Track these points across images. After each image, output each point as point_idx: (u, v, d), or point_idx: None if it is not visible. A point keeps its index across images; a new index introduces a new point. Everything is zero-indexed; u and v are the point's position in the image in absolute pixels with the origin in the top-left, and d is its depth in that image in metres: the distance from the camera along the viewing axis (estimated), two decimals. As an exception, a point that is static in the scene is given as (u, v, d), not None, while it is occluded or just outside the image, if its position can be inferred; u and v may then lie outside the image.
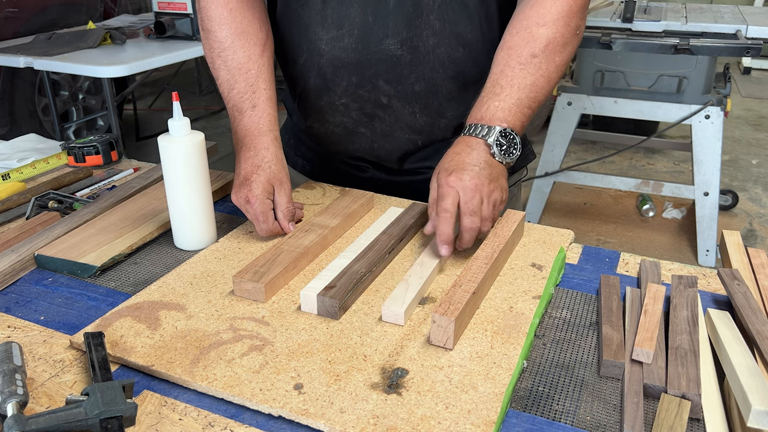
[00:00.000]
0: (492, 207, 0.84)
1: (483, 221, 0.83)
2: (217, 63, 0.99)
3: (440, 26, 0.94)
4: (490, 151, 0.85)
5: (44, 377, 0.67)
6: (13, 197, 1.06)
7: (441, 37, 0.94)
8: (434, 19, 0.93)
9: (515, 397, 0.64)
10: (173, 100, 0.86)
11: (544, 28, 0.89)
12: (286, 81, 1.11)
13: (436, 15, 0.93)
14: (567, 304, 0.80)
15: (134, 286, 0.84)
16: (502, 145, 0.86)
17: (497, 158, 0.86)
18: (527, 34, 0.89)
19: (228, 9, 0.98)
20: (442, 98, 1.00)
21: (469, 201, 0.82)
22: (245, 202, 0.91)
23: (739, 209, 3.30)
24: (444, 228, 0.82)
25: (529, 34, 0.89)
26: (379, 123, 1.02)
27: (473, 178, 0.82)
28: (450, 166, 0.84)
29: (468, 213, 0.82)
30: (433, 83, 0.98)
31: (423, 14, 0.93)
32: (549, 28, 0.89)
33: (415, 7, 0.92)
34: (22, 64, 2.35)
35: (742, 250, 0.88)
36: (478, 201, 0.82)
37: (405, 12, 0.93)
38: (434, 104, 1.00)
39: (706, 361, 0.67)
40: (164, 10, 2.58)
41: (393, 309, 0.73)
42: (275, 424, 0.61)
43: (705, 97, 2.63)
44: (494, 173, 0.85)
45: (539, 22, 0.89)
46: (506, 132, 0.86)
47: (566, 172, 2.92)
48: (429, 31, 0.94)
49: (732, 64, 5.62)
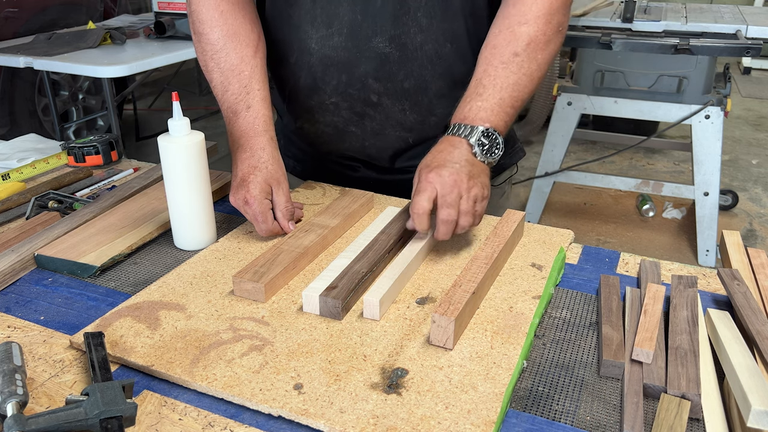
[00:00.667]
0: (472, 202, 0.84)
1: (462, 215, 0.84)
2: (210, 65, 0.99)
3: (427, 23, 0.95)
4: (472, 150, 0.86)
5: (44, 377, 0.67)
6: (13, 197, 1.06)
7: (428, 34, 0.95)
8: (421, 15, 0.94)
9: (515, 397, 0.64)
10: (173, 100, 0.86)
11: (525, 26, 0.89)
12: (275, 81, 1.11)
13: (423, 12, 0.94)
14: (567, 304, 0.80)
15: (134, 286, 0.84)
16: (484, 145, 0.86)
17: (479, 158, 0.86)
18: (509, 33, 0.90)
19: (219, 11, 0.98)
20: (431, 95, 1.01)
21: (446, 195, 0.82)
22: (243, 203, 0.91)
23: (739, 209, 3.30)
24: (418, 225, 0.84)
25: (511, 32, 0.90)
26: (369, 121, 1.03)
27: (452, 174, 0.83)
28: (431, 163, 0.85)
29: (445, 205, 0.83)
30: (422, 80, 0.99)
31: (410, 11, 0.94)
32: (530, 26, 0.89)
33: (402, 4, 0.93)
34: (22, 64, 2.35)
35: (742, 250, 0.88)
36: (455, 195, 0.83)
37: (392, 9, 0.94)
38: (424, 101, 1.01)
39: (706, 361, 0.68)
40: (164, 10, 2.58)
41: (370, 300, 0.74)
42: (275, 424, 0.61)
43: (705, 97, 2.63)
44: (475, 171, 0.85)
45: (521, 20, 0.90)
46: (488, 132, 0.86)
47: (566, 172, 2.92)
48: (416, 28, 0.95)
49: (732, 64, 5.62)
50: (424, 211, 0.83)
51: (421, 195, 0.83)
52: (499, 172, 1.16)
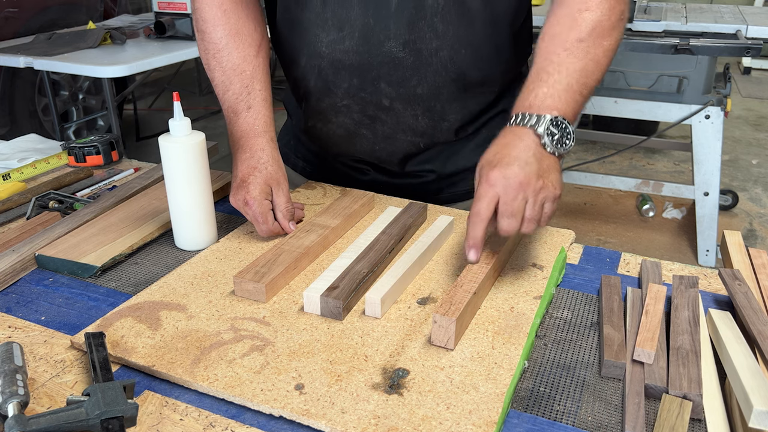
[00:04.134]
0: (540, 207, 0.76)
1: (526, 222, 0.75)
2: (212, 64, 0.98)
3: (443, 29, 0.92)
4: (541, 141, 0.77)
5: (45, 377, 0.67)
6: (14, 197, 1.06)
7: (444, 40, 0.93)
8: (437, 21, 0.92)
9: (516, 398, 0.64)
10: (174, 100, 0.86)
11: (587, 12, 0.83)
12: (289, 83, 1.10)
13: (440, 17, 0.91)
14: (568, 304, 0.80)
15: (135, 287, 0.84)
16: (554, 135, 0.77)
17: (549, 149, 0.77)
18: (570, 21, 0.84)
19: (222, 10, 0.97)
20: (444, 101, 0.99)
21: (510, 202, 0.74)
22: (243, 204, 0.91)
23: (739, 209, 3.30)
24: (472, 231, 0.75)
25: (572, 20, 0.84)
26: (380, 125, 1.02)
27: (518, 174, 0.74)
28: (494, 160, 0.77)
29: (507, 215, 0.74)
30: (435, 86, 0.97)
31: (426, 16, 0.91)
32: (593, 12, 0.83)
33: (417, 9, 0.91)
34: (22, 64, 2.35)
35: (743, 250, 0.88)
36: (521, 201, 0.74)
37: (407, 14, 0.91)
38: (436, 107, 0.99)
39: (708, 361, 0.67)
40: (164, 10, 2.58)
41: (372, 298, 0.74)
42: (276, 424, 0.61)
43: (705, 97, 2.63)
44: (544, 167, 0.76)
45: (582, 7, 0.84)
46: (557, 120, 0.78)
47: (566, 172, 2.91)
48: (432, 34, 0.92)
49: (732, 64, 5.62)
50: (482, 219, 0.74)
51: (480, 201, 0.75)
52: None
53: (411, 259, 0.82)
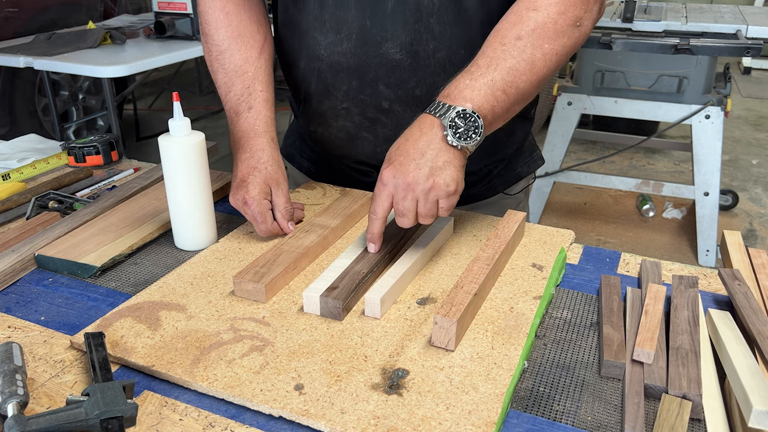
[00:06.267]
0: (432, 204, 0.78)
1: (421, 218, 0.79)
2: (215, 66, 0.99)
3: (440, 30, 0.92)
4: (443, 132, 0.78)
5: (45, 377, 0.67)
6: (14, 197, 1.06)
7: (441, 41, 0.93)
8: (434, 22, 0.92)
9: (516, 398, 0.64)
10: (174, 100, 0.86)
11: (534, 12, 0.83)
12: (289, 86, 1.10)
13: (436, 18, 0.91)
14: (568, 304, 0.80)
15: (134, 287, 0.84)
16: (458, 128, 0.77)
17: (451, 142, 0.77)
18: (516, 17, 0.84)
19: (225, 12, 0.98)
20: None
21: (400, 201, 0.78)
22: (243, 204, 0.91)
23: (739, 209, 3.30)
24: (370, 227, 0.82)
25: (518, 17, 0.84)
26: (381, 128, 1.02)
27: (407, 175, 0.77)
28: (393, 156, 0.80)
29: (399, 213, 0.79)
30: (434, 87, 0.96)
31: (422, 18, 0.91)
32: (540, 12, 0.83)
33: (414, 10, 0.91)
34: (22, 64, 2.35)
35: (743, 250, 0.88)
36: (410, 201, 0.77)
37: (403, 15, 0.91)
38: None
39: (707, 361, 0.67)
40: (164, 10, 2.58)
41: (372, 298, 0.74)
42: (276, 424, 0.61)
43: (705, 97, 2.63)
44: (439, 164, 0.77)
45: (530, 6, 0.84)
46: (466, 113, 0.77)
47: (566, 172, 2.92)
48: (429, 35, 0.92)
49: (732, 64, 5.62)
50: (378, 217, 0.81)
51: (376, 200, 0.80)
52: (516, 180, 1.13)
53: (411, 260, 0.82)
